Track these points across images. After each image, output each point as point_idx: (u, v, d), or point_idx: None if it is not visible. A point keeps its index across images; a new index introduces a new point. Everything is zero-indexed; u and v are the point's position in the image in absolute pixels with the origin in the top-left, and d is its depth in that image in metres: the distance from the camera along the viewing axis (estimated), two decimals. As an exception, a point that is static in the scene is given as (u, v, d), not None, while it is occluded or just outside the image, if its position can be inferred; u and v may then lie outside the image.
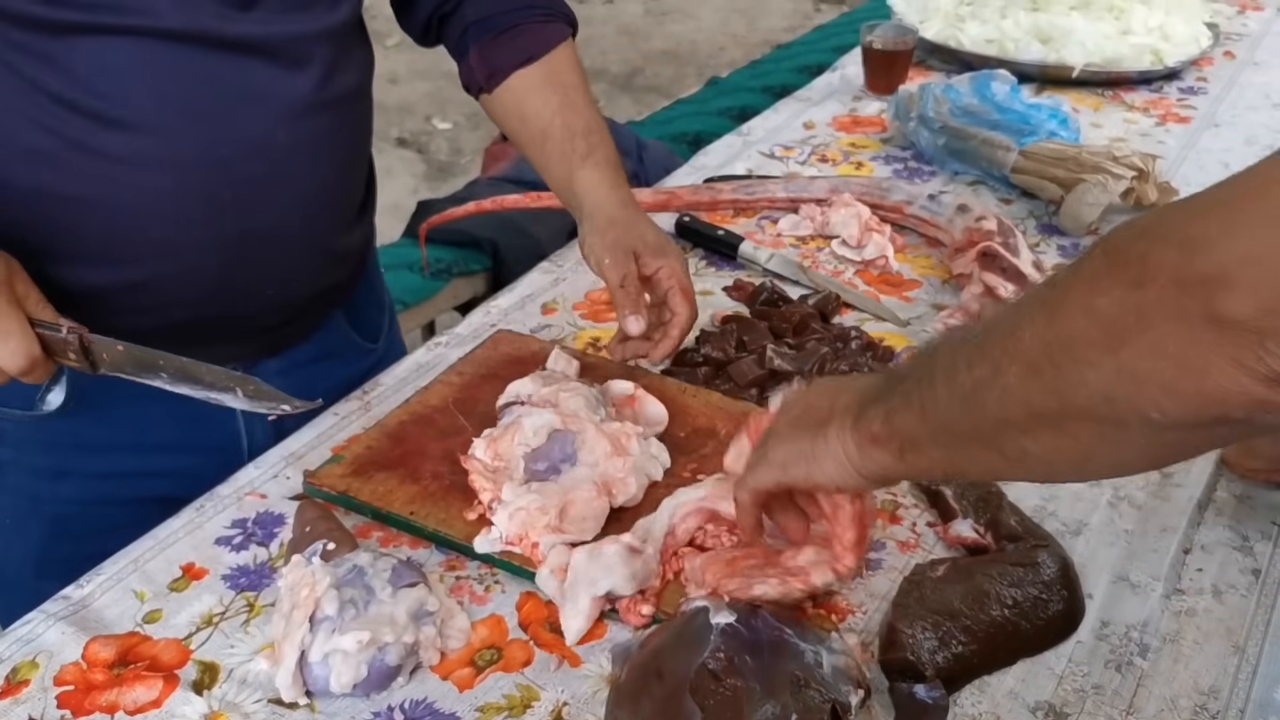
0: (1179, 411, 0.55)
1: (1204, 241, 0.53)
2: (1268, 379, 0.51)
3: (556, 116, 1.21)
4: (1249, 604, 0.96)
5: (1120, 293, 0.56)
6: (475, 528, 1.00)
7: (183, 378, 0.98)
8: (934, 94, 1.74)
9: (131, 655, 0.90)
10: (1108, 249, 0.58)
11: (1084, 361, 0.58)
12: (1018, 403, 0.63)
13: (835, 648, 0.83)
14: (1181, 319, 0.53)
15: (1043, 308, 0.62)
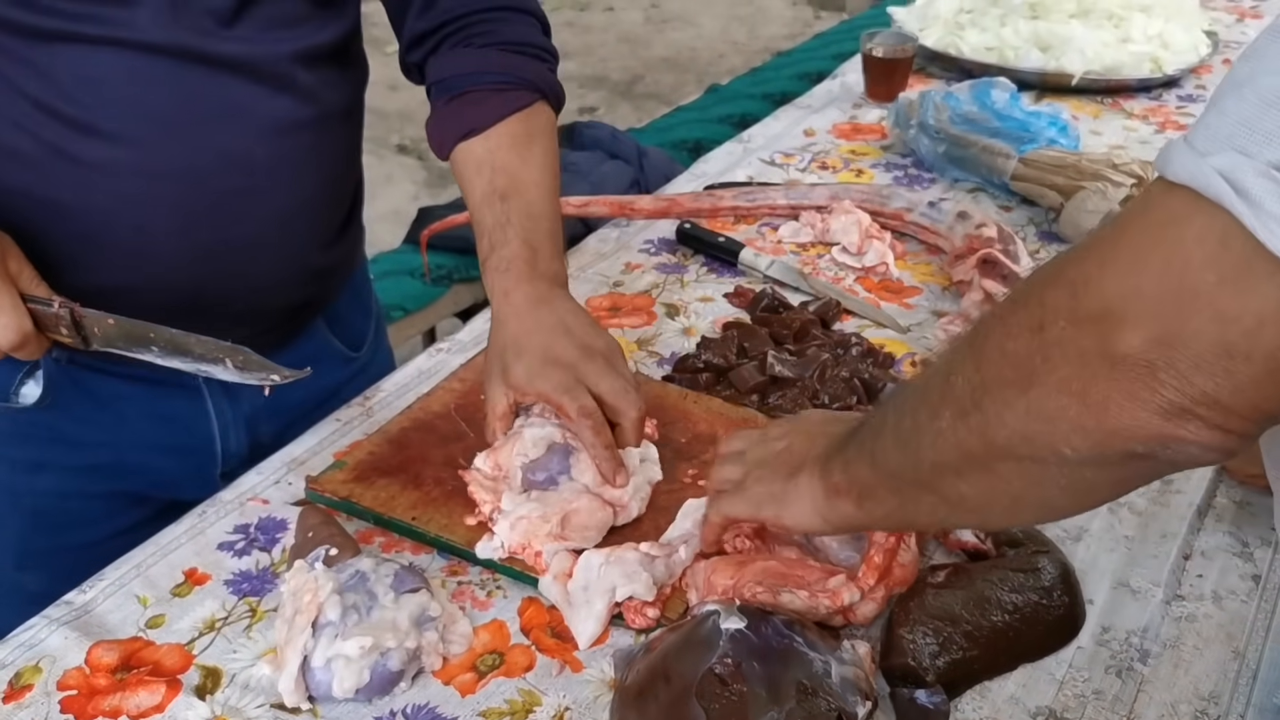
0: (1088, 448, 0.57)
1: (1087, 281, 0.55)
2: (1164, 411, 0.52)
3: (475, 211, 1.12)
4: (1249, 609, 0.96)
5: (1026, 336, 0.59)
6: (477, 533, 1.00)
7: (173, 350, 0.97)
8: (934, 101, 1.75)
9: (134, 660, 0.91)
10: (1014, 293, 0.62)
11: (1002, 402, 0.61)
12: (950, 445, 0.66)
13: (845, 658, 0.83)
14: (1080, 358, 0.55)
15: (970, 353, 0.65)
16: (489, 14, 1.15)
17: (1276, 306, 0.49)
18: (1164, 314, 0.51)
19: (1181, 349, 0.51)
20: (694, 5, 7.00)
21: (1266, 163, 0.47)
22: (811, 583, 0.90)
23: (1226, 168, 0.49)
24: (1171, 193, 0.52)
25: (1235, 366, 0.50)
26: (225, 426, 1.19)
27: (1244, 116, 0.49)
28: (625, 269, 1.49)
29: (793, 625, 0.85)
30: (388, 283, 2.30)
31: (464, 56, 1.15)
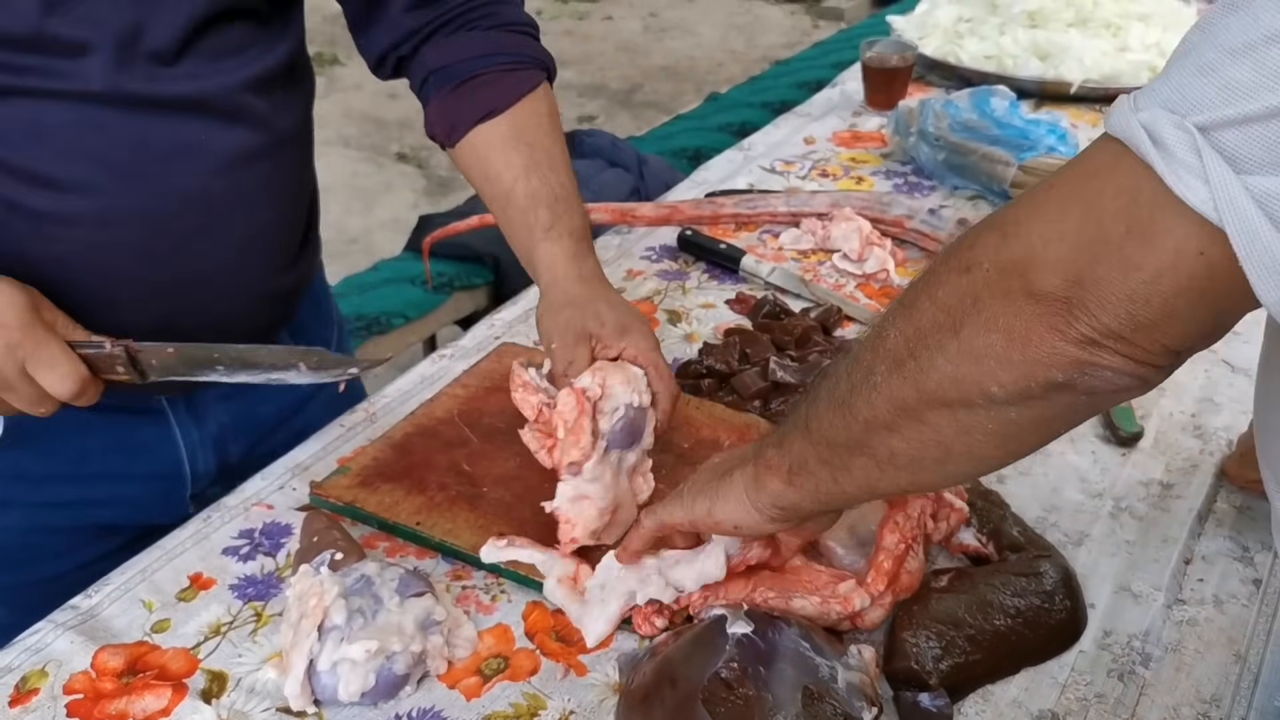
0: (1013, 382, 0.61)
1: (1014, 225, 0.60)
2: (1080, 341, 0.58)
3: (519, 181, 1.11)
4: (1250, 613, 0.97)
5: (955, 279, 0.63)
6: (481, 537, 1.01)
7: (240, 366, 0.97)
8: (934, 109, 1.76)
9: (140, 664, 0.91)
10: (947, 247, 0.66)
11: (934, 347, 0.65)
12: (884, 399, 0.69)
13: (851, 663, 0.83)
14: (1005, 296, 0.60)
15: (902, 309, 0.68)
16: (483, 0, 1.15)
17: (1174, 259, 0.54)
18: (1078, 259, 0.56)
19: (1091, 290, 0.56)
20: (692, 14, 7.03)
21: (1192, 123, 0.51)
22: (821, 587, 0.90)
23: (1150, 121, 0.53)
24: (1104, 146, 0.57)
25: (1136, 309, 0.56)
26: (193, 449, 1.16)
27: (1180, 81, 0.53)
28: (627, 276, 1.50)
29: (799, 630, 0.86)
30: (389, 290, 2.31)
31: (470, 40, 1.14)
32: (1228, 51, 0.51)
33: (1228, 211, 0.51)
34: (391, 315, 2.23)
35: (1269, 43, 0.49)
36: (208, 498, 1.14)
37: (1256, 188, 0.50)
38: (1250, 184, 0.50)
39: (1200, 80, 0.51)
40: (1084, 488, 1.11)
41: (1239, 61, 0.50)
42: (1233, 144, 0.50)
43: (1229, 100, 0.50)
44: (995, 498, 1.05)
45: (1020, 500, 1.07)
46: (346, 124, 5.08)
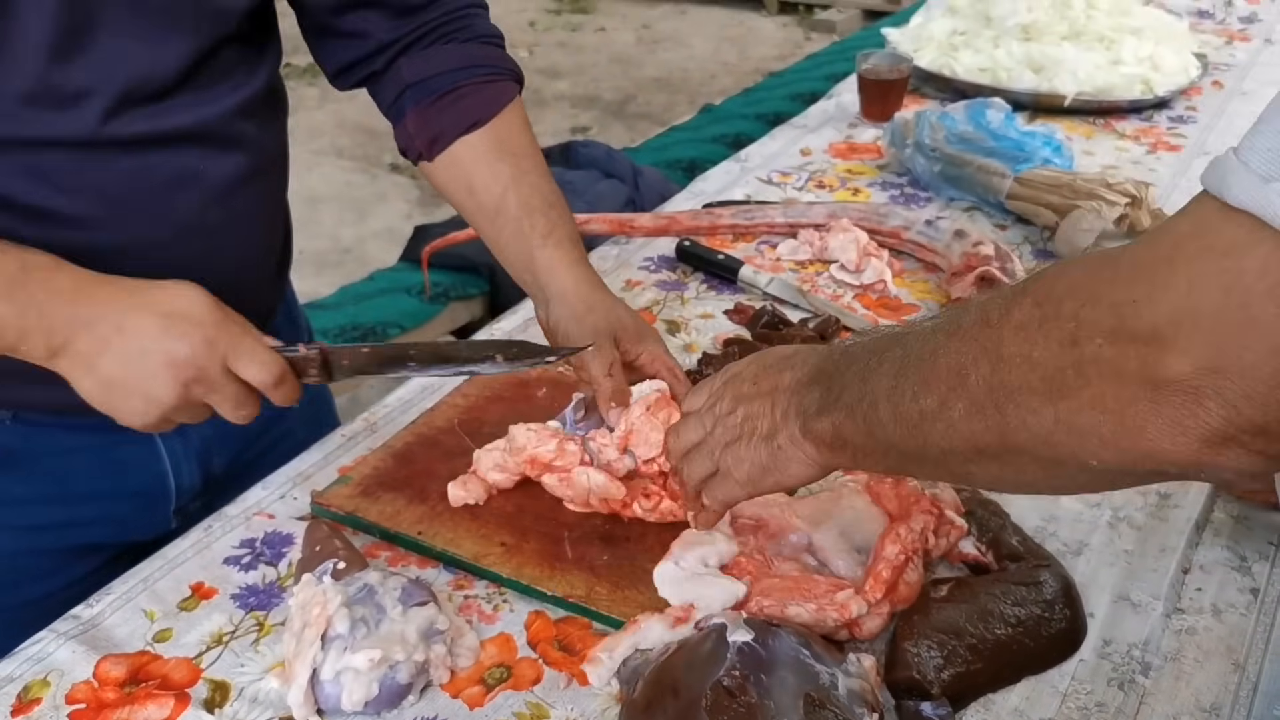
0: (1116, 462, 0.57)
1: (1135, 303, 0.54)
2: (1204, 439, 0.52)
3: (510, 191, 1.11)
4: (1248, 623, 0.97)
5: (1057, 348, 0.58)
6: (482, 547, 1.01)
7: (433, 361, 0.98)
8: (930, 121, 1.77)
9: (142, 674, 0.91)
10: (1039, 299, 0.60)
11: (1026, 409, 0.61)
12: (962, 437, 0.66)
13: (851, 670, 0.83)
14: (1119, 378, 0.55)
15: (984, 352, 0.64)
16: (458, 12, 1.15)
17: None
18: (1218, 343, 0.51)
19: (1234, 379, 0.50)
20: (685, 26, 7.05)
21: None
22: (819, 595, 0.90)
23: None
24: (1231, 218, 0.51)
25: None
26: (178, 463, 1.15)
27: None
28: (626, 286, 1.50)
29: (799, 638, 0.86)
30: (385, 300, 2.31)
31: (448, 53, 1.14)
32: None
33: None
34: (388, 325, 2.23)
35: None
36: (190, 512, 1.14)
37: None
38: None
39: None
40: (1082, 498, 1.11)
41: None
42: None
43: None
44: (994, 506, 1.05)
45: (1019, 509, 1.07)
46: (340, 134, 5.09)
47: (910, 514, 0.96)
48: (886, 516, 0.97)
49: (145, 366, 0.87)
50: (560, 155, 2.72)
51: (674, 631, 0.90)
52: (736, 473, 0.86)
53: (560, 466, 1.05)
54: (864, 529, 0.97)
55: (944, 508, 0.98)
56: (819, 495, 1.02)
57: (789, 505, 1.00)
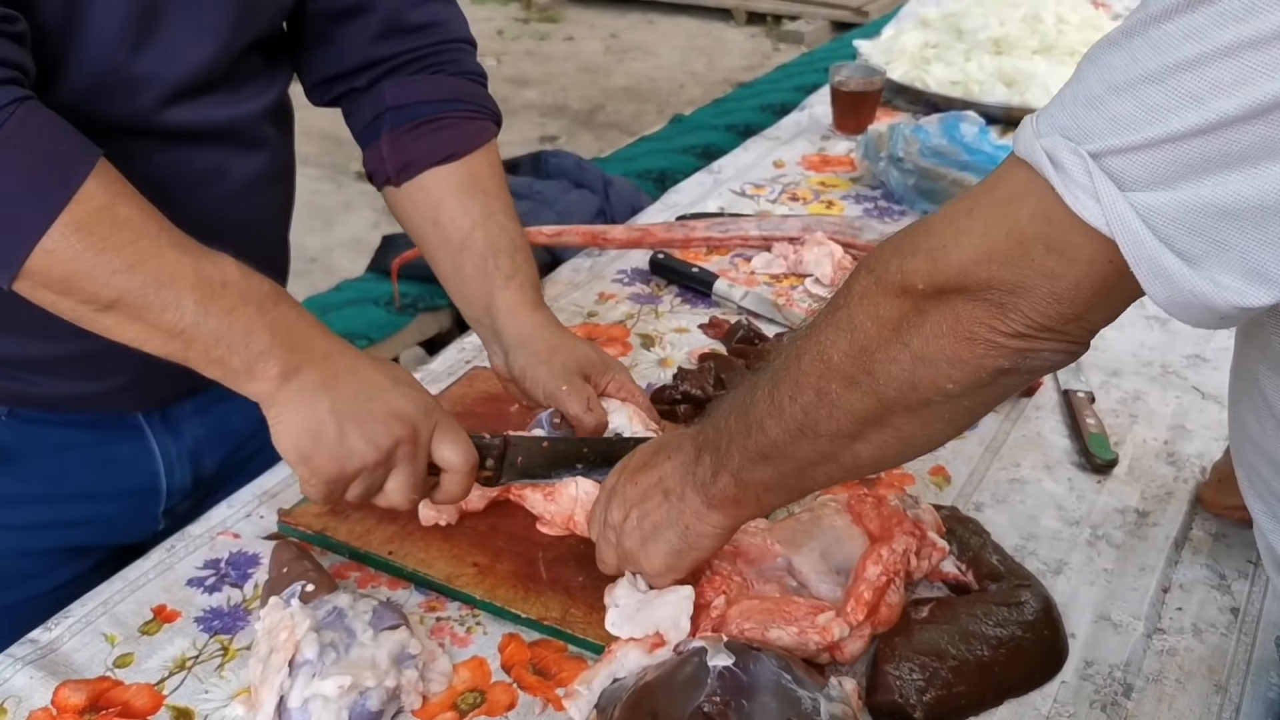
0: (966, 376, 0.69)
1: (943, 251, 0.67)
2: (1015, 337, 0.66)
3: (478, 228, 1.11)
4: (1229, 643, 0.97)
5: (895, 300, 0.70)
6: (454, 567, 0.99)
7: (602, 463, 1.00)
8: (903, 134, 1.76)
9: (102, 700, 0.88)
10: (871, 268, 0.72)
11: (888, 360, 0.71)
12: (845, 413, 0.75)
13: (833, 695, 0.82)
14: (947, 307, 0.68)
15: (839, 330, 0.74)
16: (449, 44, 1.16)
17: (1088, 269, 0.62)
18: (1008, 274, 0.64)
19: (1022, 296, 0.64)
20: (653, 36, 7.05)
21: (1085, 150, 0.58)
22: (800, 618, 0.89)
23: (1051, 147, 0.60)
24: (1016, 168, 0.63)
25: (1062, 308, 0.64)
26: (170, 463, 1.15)
27: (1073, 112, 0.60)
28: (599, 299, 1.49)
29: (778, 661, 0.84)
30: (351, 311, 2.28)
31: (434, 83, 1.14)
32: (1111, 87, 0.57)
33: (1116, 225, 0.58)
34: (355, 337, 2.19)
35: (1145, 81, 0.55)
36: (179, 513, 1.13)
37: (1138, 203, 0.57)
38: (1132, 199, 0.57)
39: (1090, 112, 0.58)
40: (1061, 515, 1.11)
41: (1122, 97, 0.56)
42: (1118, 168, 0.57)
43: (1114, 131, 0.57)
44: (974, 525, 1.04)
45: (998, 528, 1.06)
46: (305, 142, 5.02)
47: (892, 535, 0.94)
48: (867, 537, 0.96)
49: (372, 410, 0.88)
50: (530, 165, 2.69)
51: (651, 656, 0.88)
52: (651, 566, 0.91)
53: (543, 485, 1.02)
54: (844, 549, 0.96)
55: (926, 529, 0.97)
56: (798, 516, 1.00)
57: (767, 531, 0.98)
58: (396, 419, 0.89)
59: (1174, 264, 0.57)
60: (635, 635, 0.89)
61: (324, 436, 0.87)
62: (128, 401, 0.90)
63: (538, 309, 1.13)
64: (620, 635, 0.90)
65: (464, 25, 1.18)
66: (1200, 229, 0.56)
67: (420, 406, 0.91)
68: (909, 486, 1.13)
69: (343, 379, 0.88)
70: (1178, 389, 1.31)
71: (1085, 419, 1.22)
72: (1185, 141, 0.54)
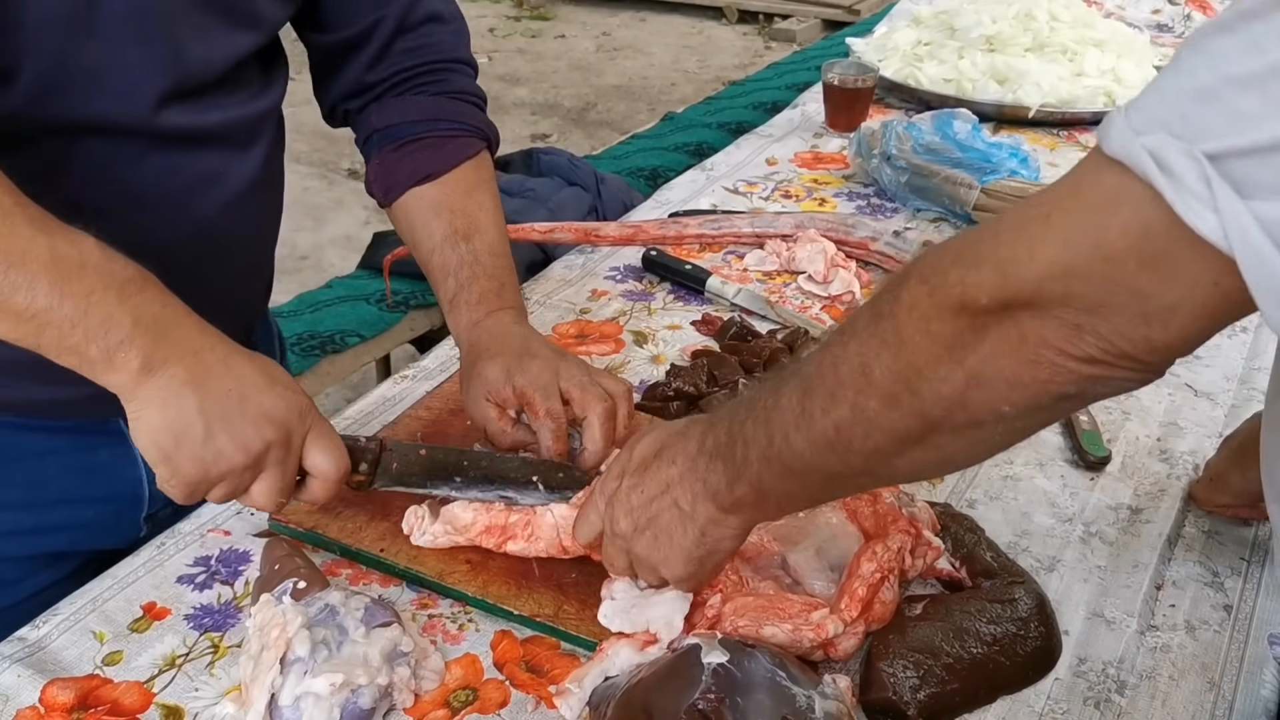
0: (1024, 400, 0.63)
1: (1013, 264, 0.60)
2: (1089, 360, 0.60)
3: (435, 253, 1.13)
4: (1222, 640, 0.97)
5: (951, 316, 0.63)
6: (446, 564, 0.98)
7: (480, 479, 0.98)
8: (896, 132, 1.76)
9: (91, 699, 0.87)
10: (925, 277, 0.65)
11: (936, 379, 0.65)
12: (883, 432, 0.69)
13: (828, 692, 0.82)
14: (1013, 326, 0.61)
15: (883, 343, 0.67)
16: (438, 65, 1.17)
17: (1190, 291, 0.55)
18: (1090, 290, 0.57)
19: (1103, 317, 0.58)
20: (645, 34, 7.05)
21: (1200, 151, 0.51)
22: (794, 615, 0.89)
23: (1156, 147, 0.53)
24: (1106, 168, 0.56)
25: (1153, 334, 0.57)
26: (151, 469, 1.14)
27: (1180, 106, 0.53)
28: (592, 296, 1.48)
29: (773, 659, 0.84)
30: (343, 308, 2.27)
31: (415, 104, 1.16)
32: (1231, 80, 0.51)
33: (1237, 240, 0.51)
34: (346, 334, 2.19)
35: (1274, 74, 0.49)
36: (160, 519, 1.12)
37: (1263, 213, 0.50)
38: (1256, 209, 0.50)
39: (1204, 107, 0.51)
40: (1054, 512, 1.11)
41: (1246, 91, 0.50)
42: (1240, 172, 0.50)
43: (1237, 129, 0.50)
44: (969, 522, 1.04)
45: (992, 525, 1.06)
46: (297, 140, 5.01)
47: (887, 532, 0.94)
48: (862, 534, 0.96)
49: (244, 410, 0.84)
50: (522, 162, 2.69)
51: (643, 653, 0.88)
52: (674, 573, 0.87)
53: (520, 523, 0.99)
54: (839, 546, 0.96)
55: (921, 527, 0.97)
56: (793, 514, 1.00)
57: (762, 528, 0.98)
58: (269, 422, 0.85)
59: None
60: (626, 630, 0.89)
61: (188, 437, 0.83)
62: (109, 407, 0.88)
63: (476, 325, 1.10)
64: (611, 628, 0.90)
65: (459, 45, 1.19)
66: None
67: (295, 408, 0.87)
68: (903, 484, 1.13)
69: (214, 376, 0.84)
70: (1170, 386, 1.31)
71: (1078, 416, 1.22)
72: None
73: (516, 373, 1.04)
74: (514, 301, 1.13)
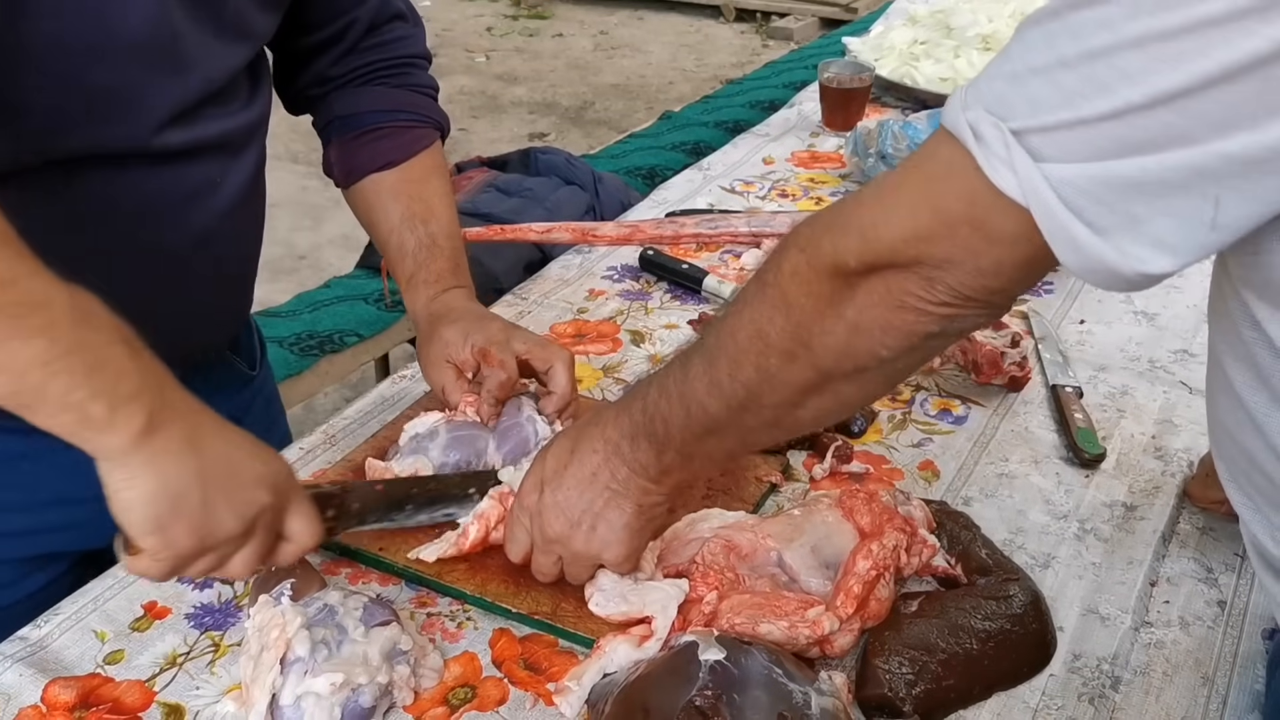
0: (897, 342, 0.72)
1: (873, 229, 0.70)
2: (943, 304, 0.69)
3: (392, 235, 1.19)
4: (1216, 635, 0.97)
5: (828, 277, 0.72)
6: (444, 564, 0.99)
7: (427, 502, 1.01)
8: (892, 130, 1.77)
9: (93, 698, 0.88)
10: (801, 246, 0.74)
11: (823, 333, 0.74)
12: (786, 385, 0.78)
13: (824, 689, 0.82)
14: (879, 279, 0.70)
15: (773, 308, 0.76)
16: (400, 60, 1.23)
17: (1011, 247, 0.65)
18: (934, 251, 0.67)
19: (948, 270, 0.67)
20: (643, 33, 7.05)
21: (1007, 127, 0.61)
22: (790, 613, 0.89)
23: (975, 120, 0.63)
24: (941, 144, 0.66)
25: (987, 281, 0.67)
26: None
27: (998, 88, 0.62)
28: (589, 296, 1.49)
29: (769, 655, 0.84)
30: (341, 308, 2.27)
31: (375, 95, 1.22)
32: (1031, 68, 0.60)
33: (1030, 195, 0.61)
34: (345, 334, 2.19)
35: (1061, 66, 0.58)
36: None
37: (1051, 174, 0.60)
38: (1046, 171, 0.60)
39: (1012, 89, 0.61)
40: (1049, 510, 1.11)
41: (1039, 79, 0.60)
42: (1035, 145, 0.60)
43: (1032, 112, 0.60)
44: (964, 519, 1.04)
45: (987, 522, 1.07)
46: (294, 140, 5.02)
47: (883, 530, 0.95)
48: (858, 532, 0.96)
49: (239, 476, 0.81)
50: (520, 161, 2.69)
51: (641, 650, 0.88)
52: (614, 555, 0.91)
53: None
54: (834, 544, 0.96)
55: (917, 525, 0.98)
56: (790, 512, 1.01)
57: (759, 525, 0.98)
58: (263, 486, 0.82)
59: (1083, 233, 0.60)
60: (620, 612, 0.91)
61: (186, 505, 0.78)
62: None
63: (433, 300, 1.16)
64: (603, 615, 0.92)
65: (419, 41, 1.26)
66: (1108, 201, 0.59)
67: (282, 477, 0.85)
68: (898, 481, 1.14)
69: (209, 439, 0.80)
70: (1165, 384, 1.32)
71: (1073, 414, 1.22)
72: (1096, 125, 0.58)
73: (474, 333, 1.12)
74: (465, 280, 1.21)
